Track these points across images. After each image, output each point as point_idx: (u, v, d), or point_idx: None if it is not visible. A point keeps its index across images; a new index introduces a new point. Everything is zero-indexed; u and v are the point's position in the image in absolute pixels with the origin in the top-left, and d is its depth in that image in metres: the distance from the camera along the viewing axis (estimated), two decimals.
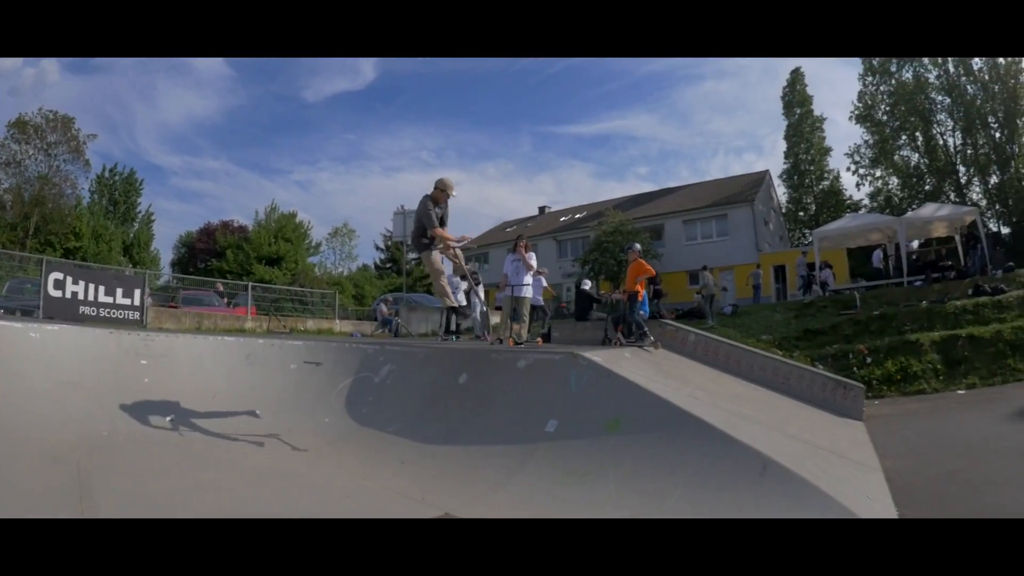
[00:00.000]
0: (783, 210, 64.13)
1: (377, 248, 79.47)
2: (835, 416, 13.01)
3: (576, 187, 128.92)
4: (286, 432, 11.60)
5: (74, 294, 19.43)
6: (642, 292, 13.85)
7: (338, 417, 12.24)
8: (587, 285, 23.44)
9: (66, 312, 18.73)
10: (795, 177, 64.12)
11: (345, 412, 12.38)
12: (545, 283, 24.29)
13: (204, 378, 13.05)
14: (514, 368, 11.03)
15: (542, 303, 23.35)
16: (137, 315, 20.51)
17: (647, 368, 10.68)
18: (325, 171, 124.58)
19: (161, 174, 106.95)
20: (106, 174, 71.49)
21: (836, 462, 8.48)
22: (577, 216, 65.11)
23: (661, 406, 8.49)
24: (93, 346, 12.80)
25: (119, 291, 20.45)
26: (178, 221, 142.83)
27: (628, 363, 10.45)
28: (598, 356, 10.09)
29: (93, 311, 19.62)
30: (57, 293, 19.19)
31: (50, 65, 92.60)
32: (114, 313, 20.03)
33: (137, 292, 20.69)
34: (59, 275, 19.53)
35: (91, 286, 19.85)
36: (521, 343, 14.63)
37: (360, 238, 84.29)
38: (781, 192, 64.02)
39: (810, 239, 47.59)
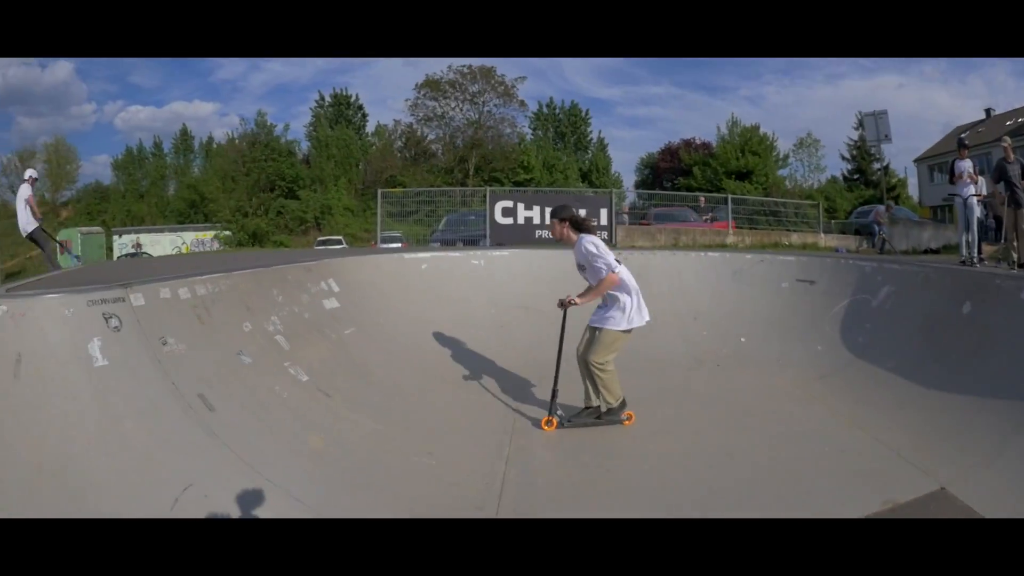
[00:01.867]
0: None
1: (843, 158, 74.69)
2: None
3: (1002, 87, 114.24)
4: (775, 361, 10.74)
5: (528, 219, 20.29)
6: None
7: (831, 346, 10.91)
8: None
9: (518, 238, 19.75)
10: None
11: (840, 340, 10.98)
12: None
13: (684, 297, 12.52)
14: (1019, 300, 8.75)
15: None
16: (605, 235, 20.48)
17: None
18: (770, 84, 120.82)
19: (604, 105, 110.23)
20: (544, 110, 75.47)
21: None
22: (1021, 120, 56.92)
23: None
24: (552, 268, 12.67)
25: (582, 212, 19.95)
26: (633, 146, 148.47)
27: None
28: None
29: (550, 234, 19.48)
30: (507, 220, 19.97)
31: None
32: None
33: (604, 212, 20.87)
34: (507, 203, 20.37)
35: (547, 210, 20.03)
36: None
37: (825, 148, 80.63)
38: None
39: None
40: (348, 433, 7.04)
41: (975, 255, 13.26)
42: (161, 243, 50.47)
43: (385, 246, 25.26)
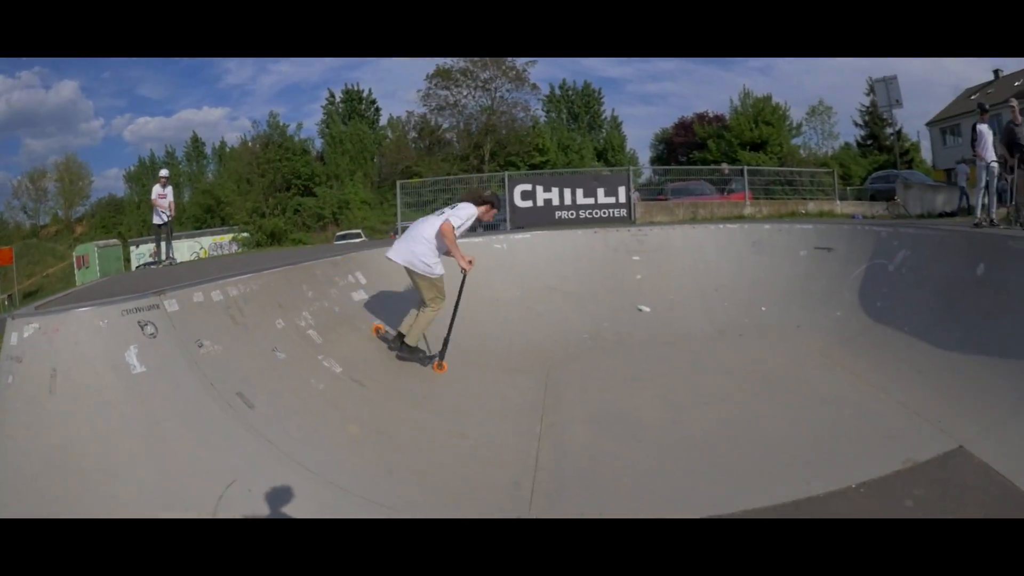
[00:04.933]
0: None
1: (856, 124, 74.07)
2: None
3: None
4: (794, 329, 10.86)
5: (547, 201, 20.09)
6: None
7: (851, 311, 11.00)
8: None
9: (537, 220, 19.44)
10: None
11: (859, 306, 11.06)
12: None
13: (704, 271, 12.70)
14: None
15: None
16: (624, 212, 20.39)
17: None
18: None
19: (616, 84, 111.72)
20: (556, 92, 75.36)
21: None
22: None
23: None
24: (574, 248, 12.93)
25: (600, 191, 20.50)
26: (647, 123, 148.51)
27: None
28: None
29: (571, 214, 20.05)
30: (526, 204, 19.93)
31: None
32: (597, 213, 20.18)
33: (621, 189, 20.67)
34: (526, 186, 20.36)
35: (566, 191, 20.31)
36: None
37: (838, 115, 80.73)
38: None
39: None
40: (384, 420, 7.20)
41: (992, 217, 13.47)
42: (179, 249, 50.60)
43: None
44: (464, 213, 8.92)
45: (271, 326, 7.61)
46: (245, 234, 50.84)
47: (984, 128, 13.86)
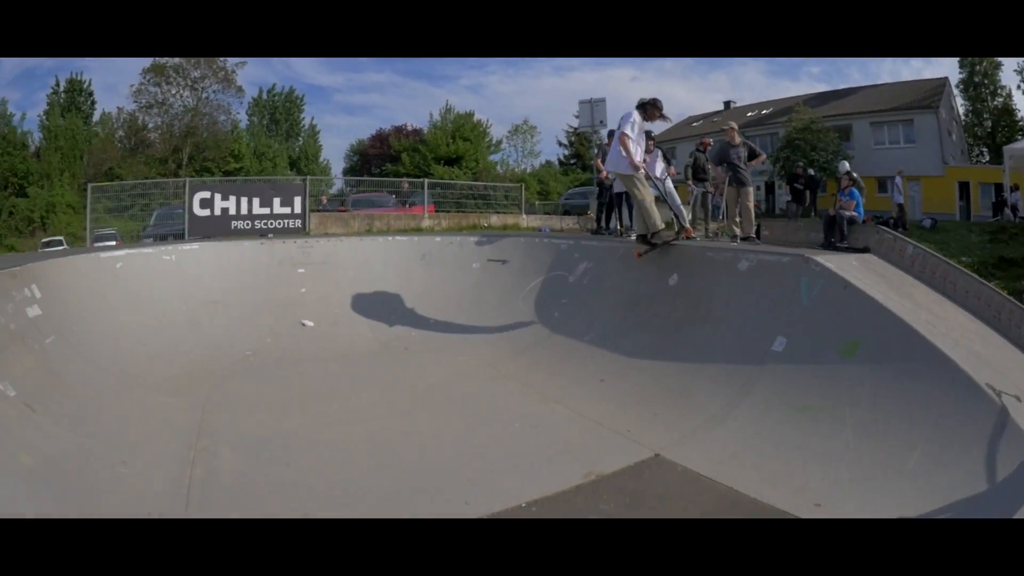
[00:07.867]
0: (963, 123, 58.25)
1: (560, 144, 77.18)
2: None
3: (750, 85, 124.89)
4: (463, 341, 10.49)
5: (224, 210, 18.49)
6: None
7: (525, 323, 10.87)
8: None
9: (217, 230, 17.94)
10: (971, 89, 58.08)
11: (534, 316, 11.00)
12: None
13: (372, 284, 12.23)
14: (734, 270, 8.98)
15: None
16: (299, 223, 19.31)
17: (879, 282, 8.62)
18: (494, 75, 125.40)
19: (324, 93, 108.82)
20: (263, 96, 73.30)
21: None
22: (764, 112, 61.00)
23: (903, 333, 6.69)
24: (240, 261, 12.13)
25: (276, 201, 19.30)
26: (348, 133, 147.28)
27: (860, 273, 8.42)
28: (831, 262, 8.19)
29: (247, 224, 18.69)
30: (204, 212, 18.39)
31: None
32: (272, 224, 18.99)
33: (297, 200, 19.56)
34: (205, 194, 18.75)
35: (243, 200, 18.90)
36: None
37: (542, 135, 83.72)
38: (959, 103, 58.12)
39: (987, 157, 48.03)
40: (51, 448, 6.13)
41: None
42: None
43: (99, 245, 23.77)
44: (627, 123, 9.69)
45: None
46: None
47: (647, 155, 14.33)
